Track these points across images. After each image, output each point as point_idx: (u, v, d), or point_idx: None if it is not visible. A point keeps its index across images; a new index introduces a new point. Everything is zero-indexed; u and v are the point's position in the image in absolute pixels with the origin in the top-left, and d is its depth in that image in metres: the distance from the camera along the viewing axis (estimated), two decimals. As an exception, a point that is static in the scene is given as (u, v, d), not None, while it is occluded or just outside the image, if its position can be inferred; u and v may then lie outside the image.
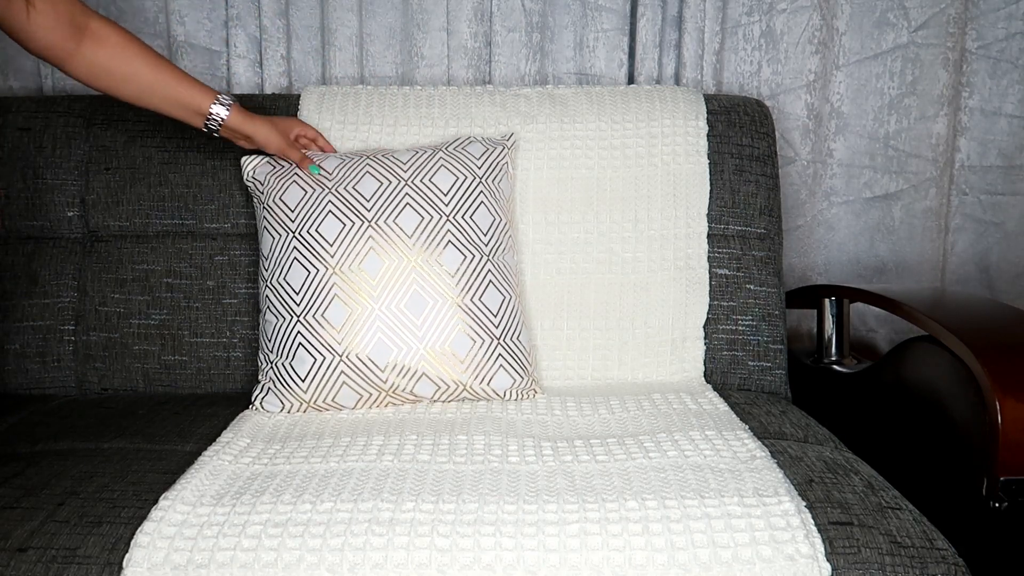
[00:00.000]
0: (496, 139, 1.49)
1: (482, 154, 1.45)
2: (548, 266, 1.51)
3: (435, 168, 1.41)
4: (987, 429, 1.15)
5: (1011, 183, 1.89)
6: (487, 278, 1.37)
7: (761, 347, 1.51)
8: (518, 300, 1.42)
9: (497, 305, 1.37)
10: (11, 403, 1.42)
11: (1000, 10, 1.83)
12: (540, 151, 1.53)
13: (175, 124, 1.56)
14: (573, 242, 1.51)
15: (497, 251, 1.40)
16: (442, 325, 1.34)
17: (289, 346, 1.34)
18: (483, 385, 1.36)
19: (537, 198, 1.52)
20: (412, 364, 1.33)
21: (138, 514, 1.01)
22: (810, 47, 1.83)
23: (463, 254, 1.37)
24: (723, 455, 1.14)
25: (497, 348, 1.36)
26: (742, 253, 1.54)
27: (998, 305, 1.44)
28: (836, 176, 1.88)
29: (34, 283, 1.51)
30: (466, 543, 0.96)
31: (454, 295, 1.35)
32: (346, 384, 1.33)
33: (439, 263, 1.35)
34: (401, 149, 1.48)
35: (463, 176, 1.41)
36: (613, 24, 1.79)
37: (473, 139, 1.48)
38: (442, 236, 1.36)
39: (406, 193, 1.38)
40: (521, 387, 1.38)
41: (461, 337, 1.34)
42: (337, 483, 1.06)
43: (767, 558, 0.94)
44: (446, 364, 1.34)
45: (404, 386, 1.34)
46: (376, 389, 1.34)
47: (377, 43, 1.78)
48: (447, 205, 1.38)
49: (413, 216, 1.36)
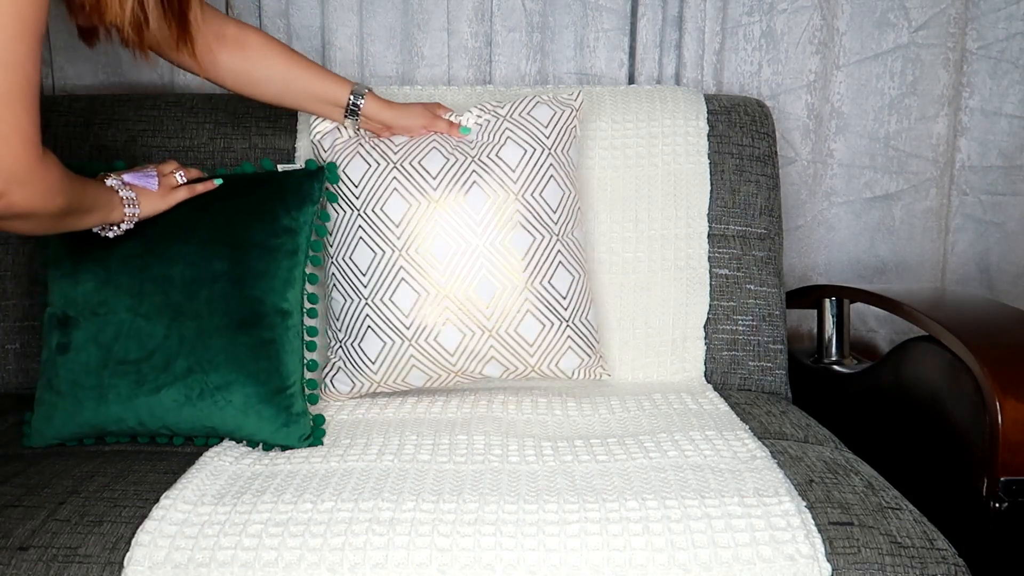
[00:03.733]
0: (564, 99, 1.44)
1: (550, 120, 1.40)
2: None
3: (502, 141, 1.37)
4: (987, 429, 1.15)
5: (1011, 183, 1.89)
6: (557, 259, 1.35)
7: (761, 347, 1.51)
8: (586, 278, 1.39)
9: (567, 287, 1.35)
10: (11, 403, 1.42)
11: (1000, 10, 1.83)
12: (541, 151, 1.53)
13: (175, 124, 1.56)
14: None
15: (567, 228, 1.37)
16: (512, 310, 1.32)
17: (358, 328, 1.33)
18: (552, 367, 1.36)
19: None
20: (481, 349, 1.32)
21: (139, 513, 1.01)
22: (810, 47, 1.83)
23: (532, 235, 1.34)
24: (723, 455, 1.14)
25: (566, 331, 1.35)
26: (742, 253, 1.54)
27: (998, 305, 1.44)
28: (836, 176, 1.89)
29: (34, 283, 1.51)
30: (466, 543, 0.96)
31: (523, 279, 1.32)
32: (416, 367, 1.33)
33: (508, 245, 1.32)
34: (464, 112, 1.43)
35: (531, 148, 1.36)
36: (613, 24, 1.79)
37: (540, 101, 1.42)
38: (511, 216, 1.33)
39: (473, 170, 1.34)
40: (589, 366, 1.37)
41: (530, 321, 1.32)
42: (338, 483, 1.07)
43: (767, 558, 0.94)
44: (515, 348, 1.33)
45: (473, 368, 1.34)
46: (445, 371, 1.34)
47: (377, 43, 1.78)
48: (515, 183, 1.34)
49: (481, 196, 1.33)
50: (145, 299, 1.21)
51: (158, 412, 1.19)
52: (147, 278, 1.21)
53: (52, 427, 1.21)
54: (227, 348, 1.19)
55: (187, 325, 1.20)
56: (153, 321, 1.20)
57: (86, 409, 1.20)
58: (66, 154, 1.54)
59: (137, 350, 1.19)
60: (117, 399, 1.19)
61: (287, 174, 1.33)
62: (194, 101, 1.58)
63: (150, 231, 1.23)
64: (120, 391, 1.19)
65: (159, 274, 1.22)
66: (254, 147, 1.54)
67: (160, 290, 1.21)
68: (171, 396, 1.18)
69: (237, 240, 1.24)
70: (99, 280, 1.22)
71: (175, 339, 1.19)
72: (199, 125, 1.55)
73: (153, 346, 1.19)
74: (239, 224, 1.25)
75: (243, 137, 1.54)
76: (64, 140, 1.54)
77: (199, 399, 1.18)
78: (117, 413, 1.19)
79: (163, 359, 1.19)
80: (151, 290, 1.21)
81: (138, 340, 1.20)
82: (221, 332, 1.20)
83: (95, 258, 1.23)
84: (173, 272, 1.22)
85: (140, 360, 1.19)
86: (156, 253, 1.22)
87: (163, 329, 1.20)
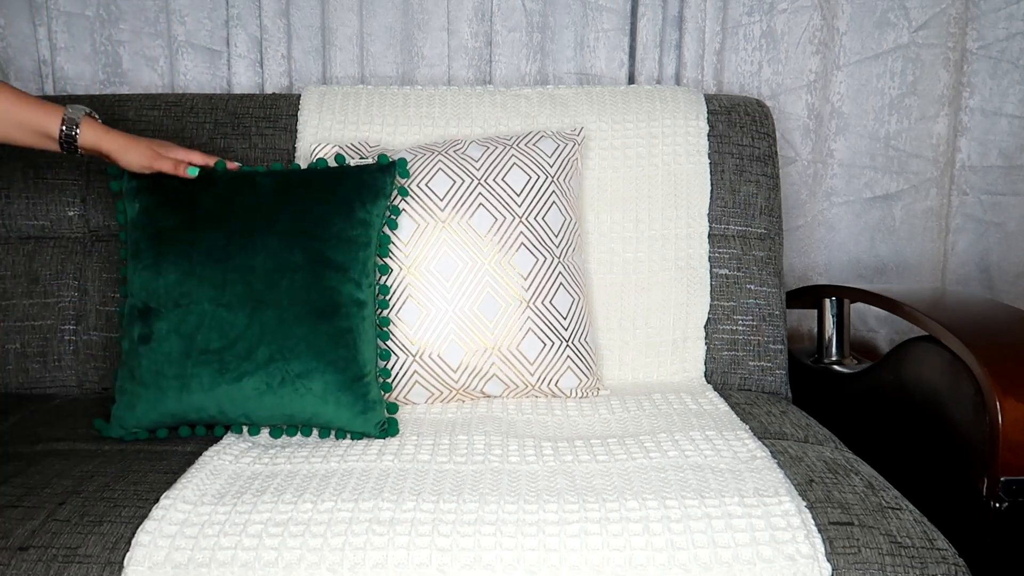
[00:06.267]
0: (567, 134, 1.49)
1: (554, 151, 1.44)
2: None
3: (508, 166, 1.41)
4: (987, 429, 1.15)
5: (1012, 183, 1.89)
6: (558, 280, 1.38)
7: (761, 347, 1.51)
8: (585, 301, 1.43)
9: (567, 307, 1.38)
10: (11, 403, 1.42)
11: (1001, 10, 1.83)
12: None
13: (175, 124, 1.56)
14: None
15: (568, 252, 1.41)
16: (514, 328, 1.34)
17: None
18: (551, 386, 1.37)
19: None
20: (483, 366, 1.34)
21: (139, 513, 1.01)
22: (811, 47, 1.83)
23: (535, 256, 1.37)
24: (723, 455, 1.14)
25: (566, 351, 1.37)
26: (742, 253, 1.54)
27: (998, 305, 1.43)
28: (837, 176, 1.89)
29: (34, 283, 1.51)
30: (467, 543, 0.96)
31: (526, 297, 1.35)
32: (419, 383, 1.34)
33: (512, 265, 1.35)
34: (471, 141, 1.46)
35: (536, 175, 1.41)
36: (613, 24, 1.79)
37: (544, 135, 1.47)
38: (515, 238, 1.36)
39: (479, 193, 1.37)
40: (586, 386, 1.39)
41: (532, 340, 1.35)
42: (338, 483, 1.07)
43: (767, 558, 0.94)
44: (516, 366, 1.35)
45: (475, 385, 1.36)
46: (447, 388, 1.35)
47: (378, 43, 1.79)
48: (520, 206, 1.38)
49: (487, 217, 1.36)
50: (227, 289, 1.24)
51: (239, 400, 1.22)
52: (229, 268, 1.24)
53: (134, 416, 1.24)
54: (307, 337, 1.22)
55: (268, 314, 1.22)
56: (235, 311, 1.23)
57: (169, 398, 1.22)
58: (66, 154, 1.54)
59: (219, 339, 1.22)
60: (200, 388, 1.21)
61: (360, 168, 1.36)
62: (194, 101, 1.58)
63: (232, 223, 1.27)
64: (203, 380, 1.21)
65: (241, 264, 1.24)
66: (254, 147, 1.54)
67: (242, 280, 1.24)
68: (252, 384, 1.21)
69: (316, 232, 1.27)
70: (182, 271, 1.25)
71: (256, 328, 1.22)
72: (199, 125, 1.55)
73: (235, 335, 1.22)
74: (318, 216, 1.28)
75: (243, 137, 1.54)
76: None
77: (280, 387, 1.21)
78: (199, 402, 1.22)
79: (245, 348, 1.21)
80: (233, 280, 1.24)
81: (220, 330, 1.22)
82: (301, 321, 1.22)
83: (177, 250, 1.26)
84: (255, 263, 1.24)
85: (222, 349, 1.22)
86: (238, 244, 1.25)
87: (245, 318, 1.22)
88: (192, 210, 1.29)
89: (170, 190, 1.30)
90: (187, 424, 1.25)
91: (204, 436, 1.25)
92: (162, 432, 1.26)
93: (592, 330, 1.44)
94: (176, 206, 1.29)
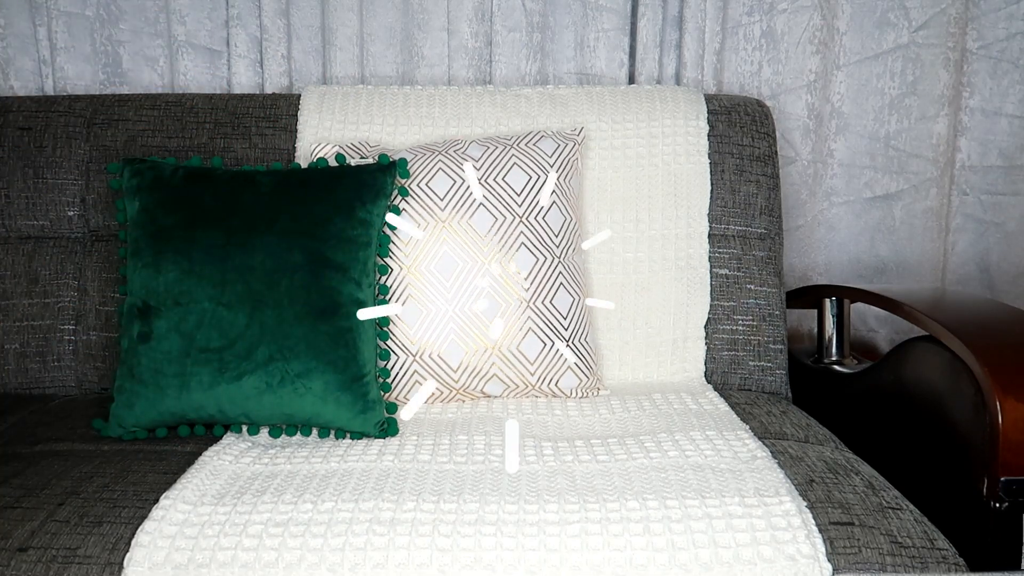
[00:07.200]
0: (567, 134, 1.49)
1: (554, 151, 1.44)
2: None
3: (508, 166, 1.41)
4: (987, 429, 1.15)
5: (1012, 183, 1.89)
6: (558, 280, 1.38)
7: (761, 347, 1.51)
8: (585, 301, 1.42)
9: (567, 307, 1.38)
10: (11, 403, 1.42)
11: (1001, 10, 1.82)
12: (541, 151, 1.53)
13: (175, 124, 1.56)
14: (574, 242, 1.51)
15: (568, 252, 1.41)
16: (514, 328, 1.34)
17: None
18: (551, 386, 1.37)
19: (538, 198, 1.52)
20: (483, 366, 1.34)
21: (139, 514, 1.01)
22: (811, 47, 1.83)
23: (536, 256, 1.37)
24: (724, 455, 1.14)
25: (566, 351, 1.36)
26: (743, 253, 1.54)
27: (998, 305, 1.43)
28: (837, 176, 1.88)
29: (34, 283, 1.51)
30: (467, 543, 0.96)
31: (526, 298, 1.35)
32: (419, 383, 1.34)
33: (512, 265, 1.36)
34: (471, 141, 1.46)
35: (536, 175, 1.41)
36: (614, 24, 1.79)
37: (545, 134, 1.47)
38: (515, 238, 1.36)
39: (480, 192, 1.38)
40: (586, 386, 1.39)
41: (532, 340, 1.35)
42: (338, 483, 1.06)
43: (768, 558, 0.94)
44: (517, 366, 1.35)
45: (475, 385, 1.36)
46: (448, 387, 1.35)
47: (378, 43, 1.78)
48: (520, 206, 1.38)
49: (487, 217, 1.36)
50: (227, 289, 1.24)
51: (239, 399, 1.22)
52: (229, 268, 1.24)
53: (133, 415, 1.24)
54: (307, 336, 1.22)
55: (268, 314, 1.23)
56: (235, 310, 1.23)
57: (168, 397, 1.22)
58: (66, 154, 1.54)
59: (219, 339, 1.22)
60: (199, 386, 1.22)
61: (361, 168, 1.36)
62: (194, 101, 1.58)
63: (232, 222, 1.27)
64: (202, 379, 1.21)
65: (241, 264, 1.24)
66: (254, 147, 1.54)
67: (241, 280, 1.24)
68: (252, 383, 1.21)
69: (316, 231, 1.27)
70: (182, 270, 1.25)
71: (256, 328, 1.22)
72: (199, 125, 1.55)
73: (235, 335, 1.22)
74: (318, 216, 1.28)
75: (243, 137, 1.54)
76: (64, 140, 1.54)
77: (279, 386, 1.21)
78: (199, 401, 1.22)
79: (245, 347, 1.22)
80: (233, 280, 1.24)
81: (220, 329, 1.22)
82: (301, 321, 1.22)
83: (177, 249, 1.26)
84: (254, 262, 1.25)
85: (222, 348, 1.22)
86: (238, 243, 1.25)
87: (244, 318, 1.22)
88: (192, 209, 1.29)
89: (170, 189, 1.30)
90: (186, 423, 1.25)
91: (203, 436, 1.25)
92: (161, 431, 1.26)
93: (592, 330, 1.43)
94: (176, 205, 1.29)
